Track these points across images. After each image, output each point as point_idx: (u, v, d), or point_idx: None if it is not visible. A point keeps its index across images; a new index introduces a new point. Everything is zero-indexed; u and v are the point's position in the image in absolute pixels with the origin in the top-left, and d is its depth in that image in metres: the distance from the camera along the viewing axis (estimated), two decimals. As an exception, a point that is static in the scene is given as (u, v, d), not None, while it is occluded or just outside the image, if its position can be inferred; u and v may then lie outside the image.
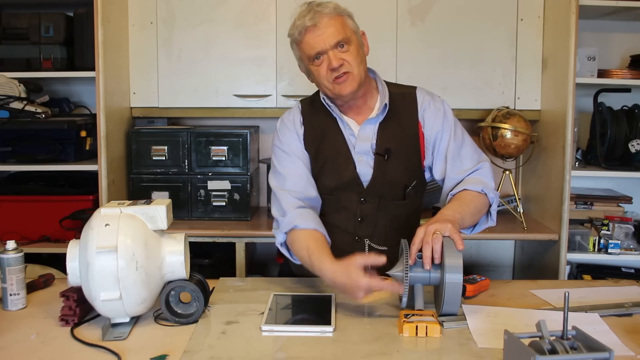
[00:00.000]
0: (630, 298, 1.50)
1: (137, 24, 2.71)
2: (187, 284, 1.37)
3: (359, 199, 1.70)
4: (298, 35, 1.63)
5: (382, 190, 1.70)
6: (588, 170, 2.62)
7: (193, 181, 2.62)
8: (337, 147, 1.71)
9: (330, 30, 1.59)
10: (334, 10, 1.62)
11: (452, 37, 2.70)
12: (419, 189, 1.75)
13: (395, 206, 1.72)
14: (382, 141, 1.69)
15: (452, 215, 1.46)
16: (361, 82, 1.64)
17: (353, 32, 1.64)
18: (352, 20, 1.66)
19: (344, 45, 1.60)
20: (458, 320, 1.33)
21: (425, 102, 1.73)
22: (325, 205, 1.73)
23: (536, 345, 0.95)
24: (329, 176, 1.70)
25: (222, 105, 2.74)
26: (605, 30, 2.87)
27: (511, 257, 3.07)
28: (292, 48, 1.70)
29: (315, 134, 1.72)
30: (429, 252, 1.35)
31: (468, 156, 1.69)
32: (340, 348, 1.21)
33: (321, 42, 1.59)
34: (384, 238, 1.71)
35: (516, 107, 2.71)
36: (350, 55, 1.61)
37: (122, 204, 1.35)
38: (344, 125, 1.71)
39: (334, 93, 1.64)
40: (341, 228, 1.71)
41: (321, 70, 1.62)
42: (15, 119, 2.50)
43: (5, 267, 1.43)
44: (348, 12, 1.66)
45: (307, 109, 1.76)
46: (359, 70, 1.62)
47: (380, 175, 1.69)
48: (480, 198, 1.59)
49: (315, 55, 1.61)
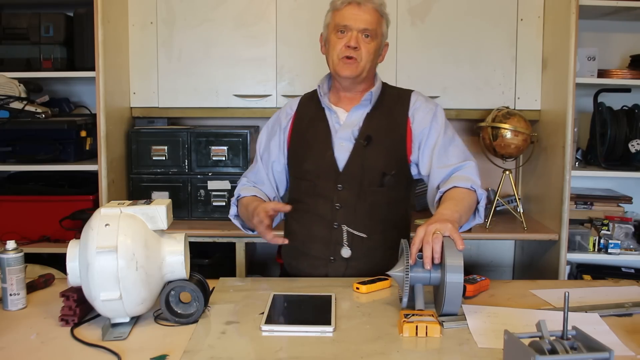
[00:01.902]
0: (630, 298, 1.50)
1: (137, 24, 2.71)
2: (187, 284, 1.37)
3: (336, 186, 1.74)
4: (340, 5, 1.74)
5: (359, 177, 1.74)
6: (588, 170, 2.62)
7: (193, 181, 2.63)
8: (320, 133, 1.79)
9: (367, 17, 1.72)
10: (380, 6, 1.76)
11: (452, 37, 2.70)
12: (400, 180, 1.78)
13: (373, 193, 1.75)
14: (366, 129, 1.76)
15: (450, 215, 1.47)
16: (361, 75, 1.75)
17: (381, 34, 1.77)
18: (386, 26, 1.80)
19: (368, 37, 1.73)
20: (458, 320, 1.33)
21: (418, 102, 1.81)
22: (303, 193, 1.79)
23: (536, 345, 0.95)
24: (308, 161, 1.78)
25: (222, 105, 2.74)
26: (605, 30, 2.87)
27: (511, 257, 3.07)
28: (327, 14, 1.81)
29: (303, 122, 1.84)
30: (429, 251, 1.35)
31: (455, 154, 1.73)
32: (340, 348, 1.21)
33: (354, 20, 1.72)
34: (363, 225, 1.74)
35: (516, 107, 2.71)
36: (367, 49, 1.73)
37: (122, 204, 1.35)
38: (331, 113, 1.81)
39: (335, 69, 1.75)
40: (319, 215, 1.75)
41: (338, 44, 1.73)
42: (15, 119, 2.50)
43: (5, 267, 1.43)
44: (388, 17, 1.81)
45: (305, 101, 1.90)
46: (365, 64, 1.74)
47: (357, 160, 1.74)
48: (470, 195, 1.61)
49: (342, 27, 1.73)
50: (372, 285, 1.55)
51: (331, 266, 1.75)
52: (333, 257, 1.74)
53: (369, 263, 1.74)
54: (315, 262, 1.76)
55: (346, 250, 1.73)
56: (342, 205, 1.74)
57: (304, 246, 1.78)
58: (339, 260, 1.74)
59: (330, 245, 1.74)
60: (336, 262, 1.74)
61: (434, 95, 2.69)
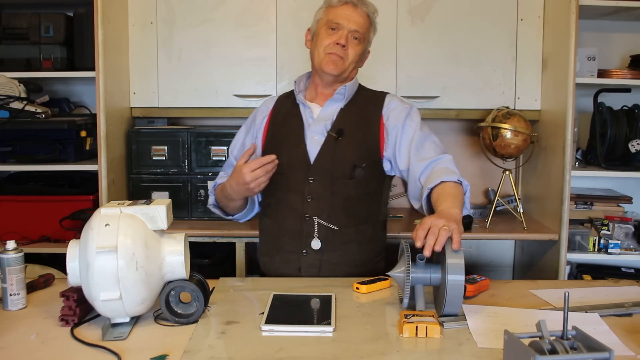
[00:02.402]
0: (630, 298, 1.50)
1: (137, 24, 2.71)
2: (187, 284, 1.37)
3: (307, 179, 1.76)
4: (337, 2, 1.79)
5: (329, 169, 1.76)
6: (588, 170, 2.62)
7: (193, 181, 2.63)
8: (293, 128, 1.83)
9: (360, 19, 1.78)
10: (372, 14, 1.82)
11: (452, 37, 2.70)
12: (372, 174, 1.79)
13: (344, 185, 1.76)
14: (339, 122, 1.80)
15: (457, 215, 1.45)
16: (343, 74, 1.81)
17: (368, 40, 1.84)
18: (374, 33, 1.86)
19: (357, 39, 1.79)
20: (458, 320, 1.33)
21: (392, 102, 1.85)
22: (276, 187, 1.79)
23: (536, 345, 0.95)
24: (281, 155, 1.78)
25: (222, 105, 2.74)
26: (605, 30, 2.87)
27: (511, 257, 3.07)
28: (319, 10, 1.84)
29: (278, 119, 1.88)
30: (432, 240, 1.32)
31: (432, 148, 1.76)
32: (340, 348, 1.21)
33: (348, 20, 1.77)
34: (336, 218, 1.76)
35: (516, 107, 2.71)
36: (355, 50, 1.79)
37: (122, 204, 1.35)
38: (305, 108, 1.85)
39: (320, 64, 1.79)
40: (290, 207, 1.77)
41: (327, 39, 1.78)
42: (15, 119, 2.50)
43: (5, 267, 1.43)
44: (377, 26, 1.86)
45: (282, 99, 1.95)
46: (350, 64, 1.80)
47: (327, 152, 1.77)
48: (459, 188, 1.61)
49: (335, 25, 1.77)
50: (372, 285, 1.55)
51: (304, 260, 1.76)
52: (305, 250, 1.76)
53: (343, 257, 1.76)
54: (288, 256, 1.78)
55: (316, 242, 1.74)
56: (313, 198, 1.76)
57: (277, 241, 1.81)
58: (311, 253, 1.76)
59: (302, 237, 1.76)
60: (308, 255, 1.76)
61: (434, 95, 2.69)
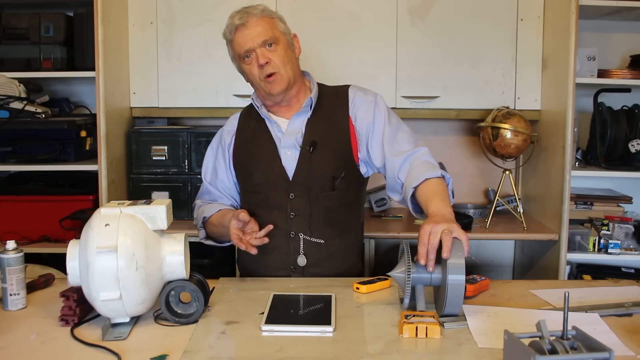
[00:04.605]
0: (630, 298, 1.49)
1: (137, 24, 2.71)
2: (187, 284, 1.37)
3: (288, 195, 1.73)
4: (229, 34, 1.72)
5: (309, 183, 1.73)
6: (588, 170, 2.62)
7: (193, 181, 2.63)
8: (264, 144, 1.78)
9: (258, 30, 1.68)
10: (262, 12, 1.71)
11: (452, 37, 2.70)
12: (351, 182, 1.77)
13: (326, 198, 1.74)
14: (309, 135, 1.75)
15: (450, 213, 1.44)
16: (290, 82, 1.73)
17: (282, 33, 1.73)
18: (282, 23, 1.75)
19: (272, 45, 1.69)
20: (458, 320, 1.33)
21: (356, 97, 1.79)
22: (256, 205, 1.76)
23: (536, 345, 0.95)
24: (257, 173, 1.76)
25: (222, 105, 2.74)
26: (605, 30, 2.87)
27: (511, 257, 3.07)
28: (227, 48, 1.78)
29: (245, 136, 1.82)
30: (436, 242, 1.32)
31: (405, 140, 1.72)
32: (340, 348, 1.21)
33: (249, 40, 1.68)
34: (320, 231, 1.74)
35: (516, 107, 2.71)
36: (277, 55, 1.70)
37: (122, 204, 1.35)
38: (272, 124, 1.79)
39: (265, 91, 1.73)
40: (274, 226, 1.71)
41: (252, 69, 1.71)
42: (15, 119, 2.50)
43: (5, 267, 1.43)
44: (278, 15, 1.76)
45: (244, 115, 1.87)
46: (286, 70, 1.71)
47: (305, 167, 1.73)
48: (443, 184, 1.59)
49: (245, 53, 1.70)
50: (372, 285, 1.55)
51: (293, 275, 1.74)
52: (293, 266, 1.74)
53: (329, 269, 1.74)
54: (276, 273, 1.74)
55: (302, 259, 1.73)
56: (296, 214, 1.73)
57: (262, 258, 1.73)
58: (298, 269, 1.74)
59: (290, 254, 1.74)
60: (296, 271, 1.74)
61: (434, 95, 2.69)
